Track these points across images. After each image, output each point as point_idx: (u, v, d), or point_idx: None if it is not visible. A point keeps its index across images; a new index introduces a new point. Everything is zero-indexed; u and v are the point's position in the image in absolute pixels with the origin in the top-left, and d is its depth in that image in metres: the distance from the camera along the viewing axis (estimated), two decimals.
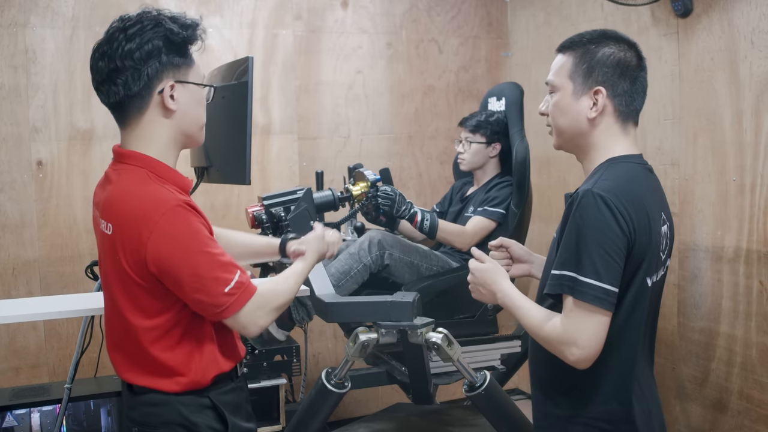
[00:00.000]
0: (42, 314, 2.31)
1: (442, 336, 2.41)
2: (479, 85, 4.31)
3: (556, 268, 1.68)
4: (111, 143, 3.51)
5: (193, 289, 1.65)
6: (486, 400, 2.49)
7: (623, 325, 1.68)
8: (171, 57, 1.69)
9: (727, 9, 2.89)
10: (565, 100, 1.79)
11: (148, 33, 1.66)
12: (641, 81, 1.78)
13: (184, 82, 1.72)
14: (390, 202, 2.96)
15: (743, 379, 2.91)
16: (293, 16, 3.93)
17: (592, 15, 3.64)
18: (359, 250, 2.94)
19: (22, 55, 3.47)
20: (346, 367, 2.54)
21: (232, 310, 1.69)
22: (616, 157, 1.76)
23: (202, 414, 1.74)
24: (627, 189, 1.67)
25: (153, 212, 1.63)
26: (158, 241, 1.63)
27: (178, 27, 1.69)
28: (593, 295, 1.60)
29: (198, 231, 1.66)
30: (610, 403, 1.71)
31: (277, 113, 3.92)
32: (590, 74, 1.75)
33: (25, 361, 3.53)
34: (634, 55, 1.77)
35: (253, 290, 1.73)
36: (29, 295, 3.50)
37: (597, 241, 1.61)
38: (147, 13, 1.70)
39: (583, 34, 1.80)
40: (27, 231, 3.52)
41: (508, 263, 2.07)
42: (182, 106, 1.73)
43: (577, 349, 1.62)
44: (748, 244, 2.87)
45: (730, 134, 2.93)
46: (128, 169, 1.72)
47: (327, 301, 2.42)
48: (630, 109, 1.77)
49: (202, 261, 1.65)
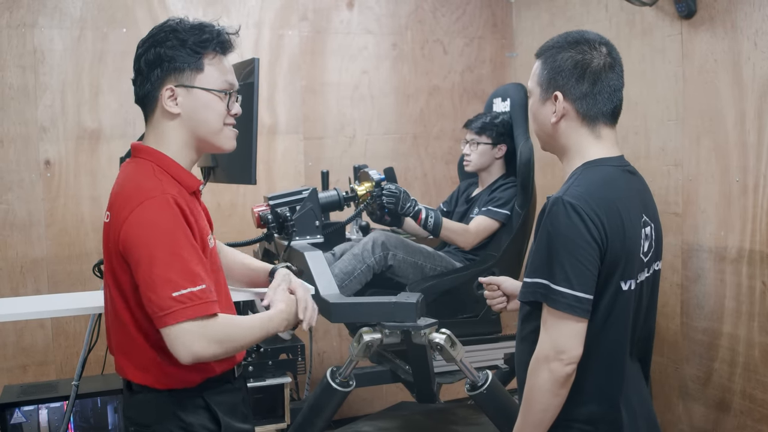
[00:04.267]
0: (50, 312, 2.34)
1: (445, 337, 2.43)
2: (484, 86, 4.32)
3: (528, 275, 1.70)
4: (118, 143, 3.61)
5: (145, 283, 1.61)
6: (488, 399, 2.51)
7: (600, 331, 1.70)
8: (176, 62, 1.73)
9: (731, 10, 2.90)
10: (534, 106, 1.84)
11: (158, 39, 1.74)
12: (607, 81, 1.76)
13: (188, 86, 1.74)
14: (394, 199, 2.98)
15: (746, 379, 2.92)
16: (299, 17, 3.95)
17: (596, 16, 3.65)
18: (362, 251, 2.96)
19: (31, 56, 3.50)
20: (351, 367, 2.56)
21: (172, 319, 1.59)
22: (592, 160, 1.76)
23: (196, 414, 1.75)
24: (599, 195, 1.68)
25: (136, 197, 1.65)
26: (130, 226, 1.63)
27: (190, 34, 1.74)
28: (566, 303, 1.63)
29: (173, 228, 1.63)
30: (589, 405, 1.73)
31: (282, 113, 3.95)
32: (550, 80, 1.78)
33: (32, 359, 3.56)
34: (600, 55, 1.75)
35: (207, 311, 1.62)
36: (37, 293, 3.53)
37: (568, 250, 1.63)
38: (168, 23, 1.77)
39: (552, 40, 1.82)
40: (35, 230, 3.55)
41: (501, 300, 2.10)
42: (186, 110, 1.75)
43: (558, 362, 1.64)
44: (752, 244, 2.88)
45: (733, 135, 2.94)
46: (137, 162, 1.77)
47: (332, 301, 2.44)
48: (595, 111, 1.76)
49: (163, 258, 1.60)
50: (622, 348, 1.75)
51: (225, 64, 1.80)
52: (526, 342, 1.79)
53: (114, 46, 3.62)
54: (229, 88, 1.79)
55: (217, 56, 1.78)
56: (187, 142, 1.78)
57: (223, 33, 1.79)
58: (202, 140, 1.79)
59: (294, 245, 2.83)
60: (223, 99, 1.78)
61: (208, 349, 1.62)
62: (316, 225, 2.93)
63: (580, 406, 1.72)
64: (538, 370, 1.67)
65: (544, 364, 1.66)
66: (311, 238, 2.93)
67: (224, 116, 1.79)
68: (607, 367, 1.73)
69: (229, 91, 1.79)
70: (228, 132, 1.81)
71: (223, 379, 1.81)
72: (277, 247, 3.00)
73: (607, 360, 1.73)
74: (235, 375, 1.86)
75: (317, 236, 2.94)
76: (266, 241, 2.99)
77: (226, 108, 1.79)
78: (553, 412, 1.69)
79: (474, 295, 3.05)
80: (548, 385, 1.66)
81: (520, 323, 1.83)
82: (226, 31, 1.80)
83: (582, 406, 1.72)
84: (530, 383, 1.70)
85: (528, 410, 1.71)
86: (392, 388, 3.92)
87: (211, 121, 1.77)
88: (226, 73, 1.79)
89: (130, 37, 3.63)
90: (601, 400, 1.73)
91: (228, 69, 1.81)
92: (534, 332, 1.74)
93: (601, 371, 1.73)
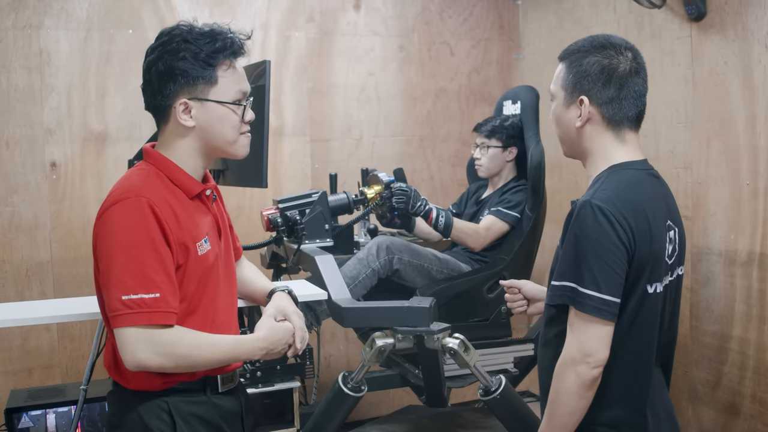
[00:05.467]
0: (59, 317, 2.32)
1: (459, 341, 2.42)
2: (491, 88, 4.31)
3: (556, 279, 1.71)
4: (124, 145, 3.59)
5: (103, 283, 1.62)
6: (501, 404, 2.49)
7: (626, 334, 1.70)
8: (188, 76, 1.70)
9: (741, 13, 2.89)
10: (558, 110, 1.83)
11: (170, 49, 1.70)
12: (633, 86, 1.76)
13: (202, 99, 1.72)
14: (405, 198, 2.97)
15: (756, 383, 2.91)
16: (306, 19, 3.94)
17: (605, 18, 3.64)
18: (367, 255, 2.94)
19: (36, 57, 3.48)
20: (363, 371, 2.55)
21: (119, 322, 1.58)
22: (618, 164, 1.77)
23: (158, 418, 1.71)
24: (626, 197, 1.68)
25: (112, 198, 1.65)
26: (99, 225, 1.65)
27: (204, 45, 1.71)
28: (593, 306, 1.63)
29: (137, 231, 1.60)
30: (614, 408, 1.73)
31: (289, 115, 3.93)
32: (576, 83, 1.77)
33: (38, 362, 3.54)
34: (626, 59, 1.76)
35: (155, 320, 1.59)
36: (42, 297, 3.51)
37: (596, 253, 1.64)
38: (178, 29, 1.73)
39: (576, 43, 1.82)
40: (40, 232, 3.53)
41: (522, 303, 2.11)
42: (201, 123, 1.73)
43: (585, 365, 1.64)
44: (762, 247, 2.87)
45: (743, 138, 2.93)
46: (141, 165, 1.77)
47: (344, 306, 2.42)
48: (620, 115, 1.77)
49: (120, 259, 1.59)
50: (649, 352, 1.75)
51: (238, 72, 1.78)
52: (549, 346, 1.79)
53: (120, 47, 3.60)
54: (242, 97, 1.78)
55: (231, 65, 1.76)
56: (198, 150, 1.77)
57: (236, 41, 1.76)
58: (217, 150, 1.79)
59: (304, 248, 2.81)
60: (238, 111, 1.76)
61: (153, 360, 1.60)
62: (326, 228, 2.92)
63: (605, 410, 1.72)
64: (565, 373, 1.67)
65: (571, 367, 1.66)
66: (321, 241, 2.91)
67: (239, 126, 1.77)
68: (633, 371, 1.73)
69: (243, 101, 1.78)
70: (243, 140, 1.80)
71: (196, 389, 1.76)
72: (286, 250, 2.98)
73: (633, 364, 1.73)
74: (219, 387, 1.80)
75: (327, 239, 2.92)
76: (275, 244, 2.97)
77: (241, 118, 1.77)
78: (579, 415, 1.69)
79: (484, 299, 3.04)
80: (575, 387, 1.66)
81: (544, 327, 1.83)
82: (238, 37, 1.77)
83: (607, 409, 1.72)
84: (556, 386, 1.70)
85: (553, 413, 1.71)
86: (399, 392, 3.90)
87: (227, 133, 1.76)
88: (239, 82, 1.77)
89: (136, 39, 3.61)
90: (626, 404, 1.73)
91: (241, 76, 1.78)
92: (558, 336, 1.74)
93: (627, 375, 1.72)
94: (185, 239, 1.69)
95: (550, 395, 1.72)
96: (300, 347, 1.85)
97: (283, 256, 3.08)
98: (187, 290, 1.70)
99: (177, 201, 1.72)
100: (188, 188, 1.76)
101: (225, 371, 1.81)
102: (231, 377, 1.84)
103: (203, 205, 1.81)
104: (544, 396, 1.80)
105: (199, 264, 1.73)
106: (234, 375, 1.86)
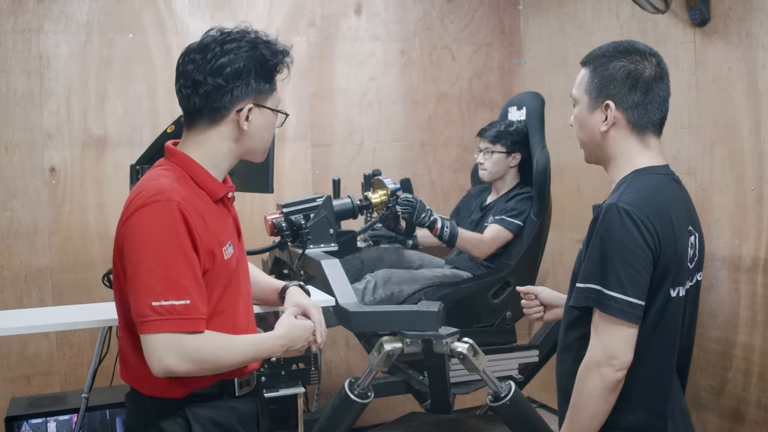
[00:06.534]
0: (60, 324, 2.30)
1: (468, 346, 2.40)
2: (492, 93, 4.31)
3: (581, 281, 1.71)
4: (124, 150, 3.56)
5: (131, 287, 1.60)
6: (511, 410, 2.47)
7: (649, 337, 1.70)
8: (258, 80, 1.71)
9: (745, 18, 2.89)
10: (582, 114, 1.83)
11: (243, 53, 1.69)
12: (657, 91, 1.78)
13: (262, 106, 1.74)
14: (411, 209, 2.96)
15: (761, 390, 2.90)
16: (307, 23, 3.93)
17: (607, 24, 3.64)
18: (364, 288, 2.94)
19: (36, 61, 3.45)
20: (370, 377, 2.52)
21: (147, 328, 1.57)
22: (641, 168, 1.77)
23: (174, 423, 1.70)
24: (651, 200, 1.69)
25: (140, 200, 1.62)
26: (128, 228, 1.62)
27: (270, 53, 1.72)
28: (619, 309, 1.63)
29: (167, 236, 1.59)
30: (636, 413, 1.73)
31: (290, 120, 3.87)
32: (601, 88, 1.78)
33: (36, 369, 3.51)
34: (650, 65, 1.77)
35: (186, 327, 1.58)
36: (41, 303, 3.48)
37: (622, 255, 1.64)
38: (246, 33, 1.73)
39: (601, 48, 1.82)
40: (39, 238, 3.50)
41: (539, 310, 2.09)
42: (253, 128, 1.74)
43: (609, 367, 1.64)
44: (767, 253, 2.87)
45: (748, 143, 2.93)
46: (165, 165, 1.74)
47: (351, 310, 2.40)
48: (645, 120, 1.77)
49: (149, 264, 1.57)
50: (671, 356, 1.75)
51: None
52: (569, 350, 1.79)
53: (121, 51, 3.58)
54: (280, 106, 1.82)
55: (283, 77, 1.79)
56: (234, 153, 1.77)
57: (288, 51, 1.78)
58: (251, 153, 1.80)
59: (309, 253, 2.79)
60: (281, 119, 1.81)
61: (180, 366, 1.59)
62: (330, 233, 2.90)
63: (626, 414, 1.71)
64: (589, 376, 1.67)
65: (595, 370, 1.65)
66: (325, 246, 2.89)
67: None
68: (656, 375, 1.73)
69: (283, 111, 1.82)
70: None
71: (213, 394, 1.75)
72: (290, 255, 2.96)
73: (656, 368, 1.73)
74: (236, 391, 1.79)
75: (331, 244, 2.90)
76: (280, 248, 2.95)
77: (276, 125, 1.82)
78: (602, 418, 1.68)
79: (489, 305, 3.02)
80: (598, 390, 1.66)
81: (564, 331, 1.82)
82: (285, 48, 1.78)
83: (628, 413, 1.72)
84: (579, 389, 1.69)
85: (576, 416, 1.71)
86: (400, 398, 3.87)
87: (268, 140, 1.79)
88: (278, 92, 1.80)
89: (136, 43, 3.59)
90: (647, 409, 1.73)
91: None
92: (579, 339, 1.74)
93: (650, 379, 1.72)
94: (212, 245, 1.68)
95: (573, 398, 1.71)
96: (321, 341, 1.86)
97: (287, 261, 3.06)
98: (213, 295, 1.69)
99: (203, 204, 1.70)
100: (213, 191, 1.74)
101: (243, 373, 1.79)
102: (248, 380, 1.83)
103: (224, 207, 1.80)
104: (562, 400, 1.79)
105: (225, 268, 1.72)
106: (251, 377, 1.85)
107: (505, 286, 3.05)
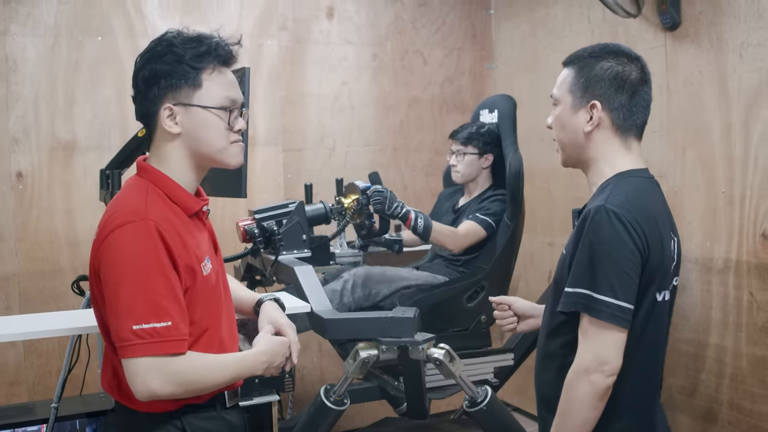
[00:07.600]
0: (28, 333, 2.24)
1: (444, 352, 2.39)
2: (464, 97, 4.31)
3: (570, 285, 1.67)
4: (93, 155, 3.51)
5: (110, 310, 1.56)
6: (488, 415, 2.47)
7: (636, 343, 1.68)
8: (171, 79, 1.66)
9: (716, 23, 2.92)
10: (564, 114, 1.80)
11: (154, 57, 1.67)
12: (642, 95, 1.77)
13: (186, 104, 1.68)
14: (382, 198, 2.94)
15: (734, 390, 2.93)
16: (278, 27, 3.90)
17: (579, 28, 3.66)
18: (342, 289, 2.92)
19: (2, 64, 3.39)
20: (346, 384, 2.50)
21: (129, 353, 1.53)
22: (624, 171, 1.75)
23: None
24: (639, 204, 1.67)
25: (117, 219, 1.59)
26: (105, 248, 1.58)
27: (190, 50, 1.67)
28: (609, 313, 1.60)
29: (146, 257, 1.55)
30: (624, 420, 1.70)
31: (261, 125, 3.88)
32: (587, 88, 1.75)
33: (3, 379, 3.43)
34: (636, 68, 1.76)
35: (168, 349, 1.55)
36: (7, 311, 3.41)
37: (612, 258, 1.61)
38: (166, 35, 1.70)
39: (586, 48, 1.80)
40: (6, 244, 3.43)
41: (512, 321, 2.05)
42: (188, 129, 1.69)
43: (600, 373, 1.61)
44: (738, 255, 2.89)
45: (719, 147, 2.95)
46: (136, 180, 1.71)
47: (325, 317, 2.38)
48: (629, 123, 1.76)
49: (129, 287, 1.54)
50: (658, 361, 1.73)
51: (226, 78, 1.73)
52: (552, 358, 1.75)
53: (89, 54, 3.52)
54: (230, 104, 1.72)
55: (216, 70, 1.71)
56: (189, 161, 1.72)
57: (222, 45, 1.72)
58: (206, 158, 1.73)
59: (282, 259, 2.76)
60: (224, 116, 1.70)
61: (165, 389, 1.56)
62: (303, 239, 2.88)
63: (614, 421, 1.69)
64: (578, 383, 1.63)
65: (584, 377, 1.62)
66: (298, 252, 2.87)
67: (227, 134, 1.71)
68: (642, 381, 1.71)
69: (231, 107, 1.72)
70: (233, 148, 1.74)
71: (206, 405, 1.73)
72: (263, 261, 2.93)
73: (643, 373, 1.71)
74: (226, 403, 1.77)
75: (304, 250, 2.88)
76: (252, 255, 2.92)
77: (227, 125, 1.71)
78: (591, 426, 1.65)
79: (464, 309, 3.01)
80: (587, 397, 1.62)
81: (545, 338, 1.79)
82: (226, 42, 1.73)
83: (617, 421, 1.69)
84: (568, 396, 1.66)
85: (564, 425, 1.67)
86: (374, 404, 3.86)
87: (213, 140, 1.70)
88: (227, 89, 1.72)
89: (105, 46, 3.54)
90: (635, 417, 1.71)
91: (230, 83, 1.73)
92: (565, 346, 1.71)
93: (637, 385, 1.70)
94: (191, 261, 1.64)
95: (561, 405, 1.68)
96: (296, 360, 1.84)
97: (259, 267, 3.03)
98: (195, 312, 1.65)
99: (179, 220, 1.66)
100: (187, 206, 1.71)
101: (232, 387, 1.78)
102: (236, 392, 1.82)
103: (199, 221, 1.76)
104: (545, 410, 1.77)
105: (205, 284, 1.69)
106: (238, 390, 1.83)
107: (480, 290, 3.04)
